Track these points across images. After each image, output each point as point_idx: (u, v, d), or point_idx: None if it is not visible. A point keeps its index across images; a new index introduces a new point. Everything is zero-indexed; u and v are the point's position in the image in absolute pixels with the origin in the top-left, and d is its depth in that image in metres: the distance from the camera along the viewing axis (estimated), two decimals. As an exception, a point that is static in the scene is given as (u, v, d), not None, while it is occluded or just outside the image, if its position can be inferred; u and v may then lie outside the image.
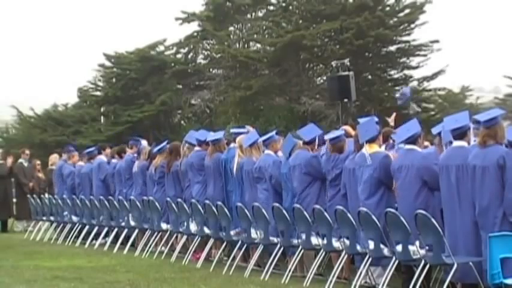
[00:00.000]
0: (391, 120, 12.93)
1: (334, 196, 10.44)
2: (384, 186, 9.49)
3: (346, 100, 21.69)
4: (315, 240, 10.16)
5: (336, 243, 9.83)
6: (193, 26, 33.79)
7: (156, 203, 13.77)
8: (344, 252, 9.66)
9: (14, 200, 20.54)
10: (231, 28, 33.61)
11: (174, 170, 13.82)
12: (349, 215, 9.39)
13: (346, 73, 20.56)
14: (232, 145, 12.80)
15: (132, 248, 14.39)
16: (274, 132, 12.35)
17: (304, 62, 30.52)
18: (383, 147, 10.29)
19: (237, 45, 32.63)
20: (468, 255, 8.25)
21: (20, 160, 20.78)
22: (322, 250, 10.05)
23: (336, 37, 29.66)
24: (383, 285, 8.89)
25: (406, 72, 31.34)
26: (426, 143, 11.19)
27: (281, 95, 30.91)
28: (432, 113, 31.84)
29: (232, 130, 14.41)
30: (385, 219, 8.77)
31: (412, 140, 9.22)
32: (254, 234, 11.22)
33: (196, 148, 13.35)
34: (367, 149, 9.60)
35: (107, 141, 24.95)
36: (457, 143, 8.66)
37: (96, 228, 15.69)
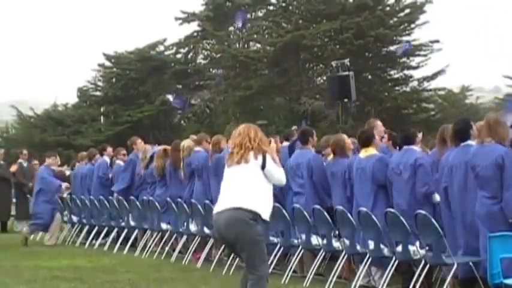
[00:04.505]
0: None
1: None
2: None
3: (346, 100, 21.69)
4: (315, 240, 10.15)
5: (336, 243, 9.83)
6: (193, 26, 33.89)
7: (156, 203, 13.74)
8: (344, 252, 9.65)
9: (14, 200, 20.50)
10: (231, 28, 33.65)
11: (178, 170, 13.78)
12: (349, 215, 9.38)
13: (346, 73, 20.53)
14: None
15: (132, 248, 14.38)
16: None
17: (304, 62, 30.54)
18: None
19: (237, 45, 32.66)
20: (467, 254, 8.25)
21: (19, 160, 20.75)
22: (322, 250, 10.05)
23: (336, 37, 29.69)
24: (383, 285, 8.89)
25: (406, 72, 31.36)
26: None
27: (281, 95, 30.94)
28: (432, 113, 31.85)
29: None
30: (385, 219, 8.76)
31: None
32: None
33: (197, 148, 13.32)
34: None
35: (106, 141, 24.94)
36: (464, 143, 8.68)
37: (96, 228, 15.69)
